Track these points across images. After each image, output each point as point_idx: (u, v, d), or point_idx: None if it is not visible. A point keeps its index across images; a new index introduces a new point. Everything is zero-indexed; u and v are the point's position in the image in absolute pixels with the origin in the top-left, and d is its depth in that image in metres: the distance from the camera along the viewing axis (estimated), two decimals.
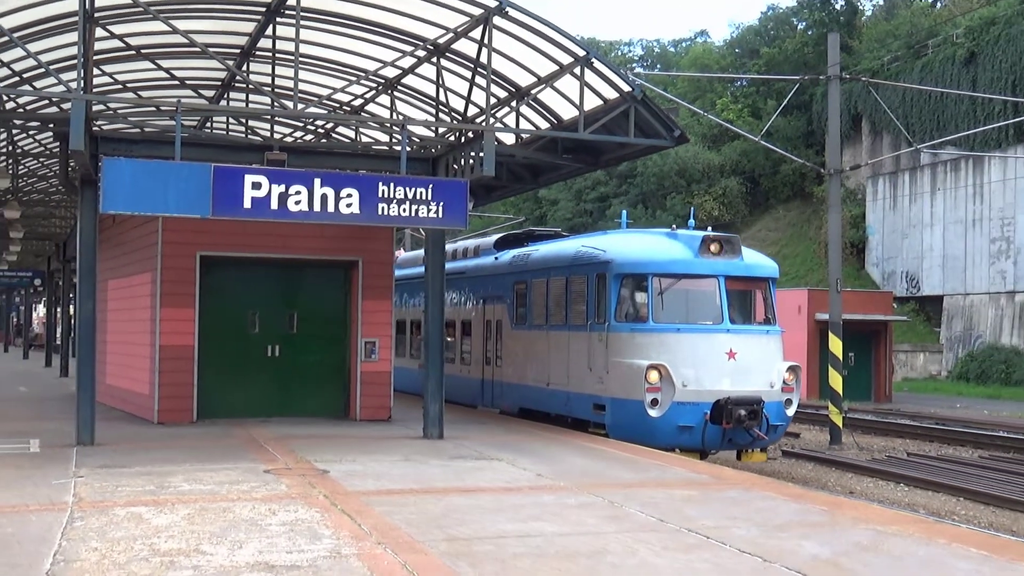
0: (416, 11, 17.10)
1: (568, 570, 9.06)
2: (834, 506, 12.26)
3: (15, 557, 9.18)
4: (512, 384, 22.85)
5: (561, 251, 21.37)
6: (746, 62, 69.95)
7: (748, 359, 17.82)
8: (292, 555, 9.48)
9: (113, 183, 14.91)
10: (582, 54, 17.15)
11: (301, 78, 17.61)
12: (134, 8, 16.29)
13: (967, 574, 9.14)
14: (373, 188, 16.01)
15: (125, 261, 23.46)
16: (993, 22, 50.30)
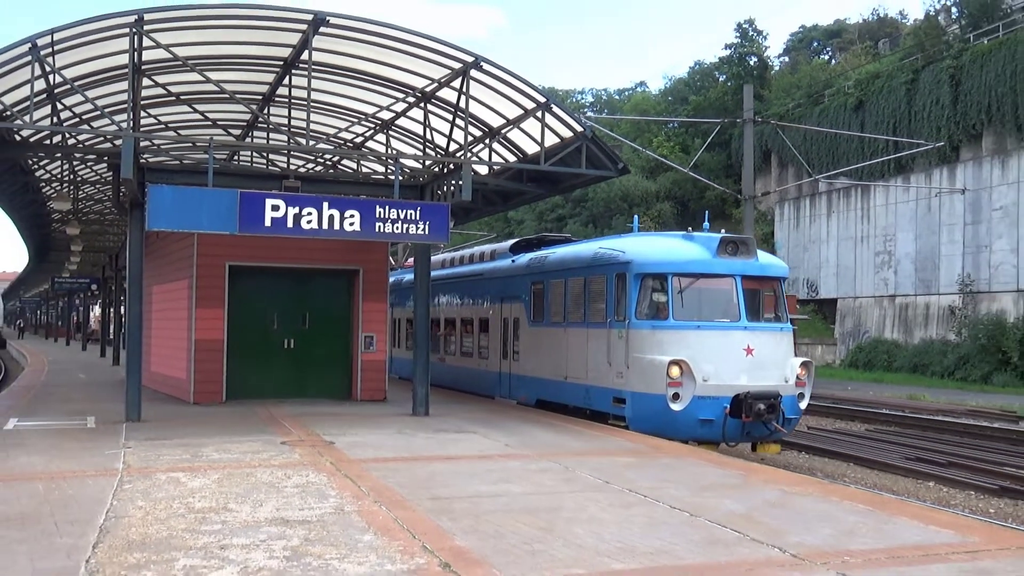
0: (406, 65, 17.18)
1: (531, 523, 9.09)
2: (749, 471, 12.35)
3: (76, 514, 9.22)
4: (529, 377, 20.87)
5: (579, 253, 19.54)
6: (677, 107, 70.31)
7: (764, 355, 16.06)
8: (304, 512, 9.50)
9: (157, 205, 15.00)
10: (543, 101, 17.23)
11: (312, 120, 17.64)
12: (174, 62, 16.33)
13: (854, 524, 9.25)
14: (371, 210, 16.08)
15: (166, 270, 23.40)
16: (877, 76, 50.83)
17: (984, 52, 43.60)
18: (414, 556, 7.83)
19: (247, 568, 7.43)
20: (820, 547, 8.30)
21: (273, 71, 17.83)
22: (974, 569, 7.69)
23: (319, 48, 16.43)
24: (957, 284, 42.89)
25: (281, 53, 16.96)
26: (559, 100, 18.68)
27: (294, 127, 19.15)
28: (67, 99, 17.31)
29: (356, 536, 8.49)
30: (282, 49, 16.77)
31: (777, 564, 7.77)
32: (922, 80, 46.50)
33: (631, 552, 8.07)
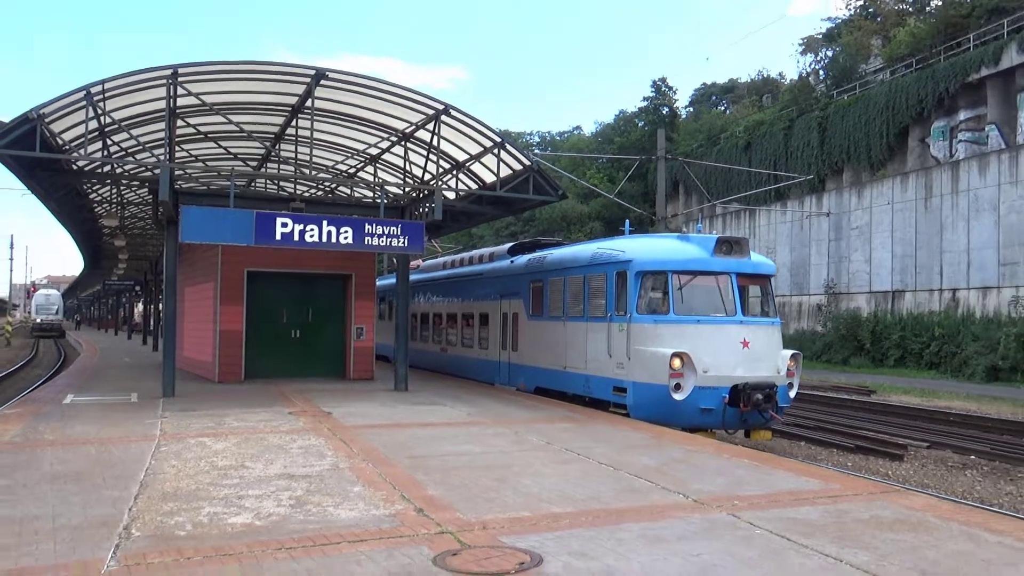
0: (390, 111, 17.17)
1: (488, 476, 9.10)
2: (660, 435, 12.43)
3: (121, 471, 9.13)
4: (528, 366, 18.83)
5: (578, 253, 17.49)
6: (605, 146, 70.49)
7: (759, 347, 14.26)
8: (306, 468, 9.44)
9: (188, 222, 14.90)
10: (498, 140, 17.27)
11: (314, 154, 17.58)
12: (203, 107, 16.21)
13: (742, 476, 9.35)
14: (362, 227, 16.05)
15: (196, 274, 23.19)
16: (761, 123, 51.48)
17: (844, 106, 44.33)
18: (394, 503, 7.81)
19: (260, 514, 7.37)
20: (716, 494, 8.39)
21: (283, 115, 17.71)
22: (835, 510, 7.81)
23: (320, 97, 16.39)
24: (823, 287, 43.54)
25: (289, 100, 16.86)
26: (512, 140, 18.67)
27: (300, 160, 19.06)
28: (115, 136, 17.11)
29: (348, 488, 8.46)
30: (290, 97, 16.67)
31: (682, 508, 7.84)
32: (796, 127, 47.18)
33: (567, 498, 8.10)
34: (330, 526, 6.99)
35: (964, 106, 37.41)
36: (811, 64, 58.39)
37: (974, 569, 6.07)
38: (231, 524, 7.02)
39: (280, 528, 6.91)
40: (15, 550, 6.21)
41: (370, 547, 6.39)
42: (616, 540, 6.66)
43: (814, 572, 5.94)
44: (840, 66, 51.28)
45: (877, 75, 46.80)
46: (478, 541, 6.60)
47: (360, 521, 7.16)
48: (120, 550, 6.23)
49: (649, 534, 6.85)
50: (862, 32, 51.81)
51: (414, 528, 6.95)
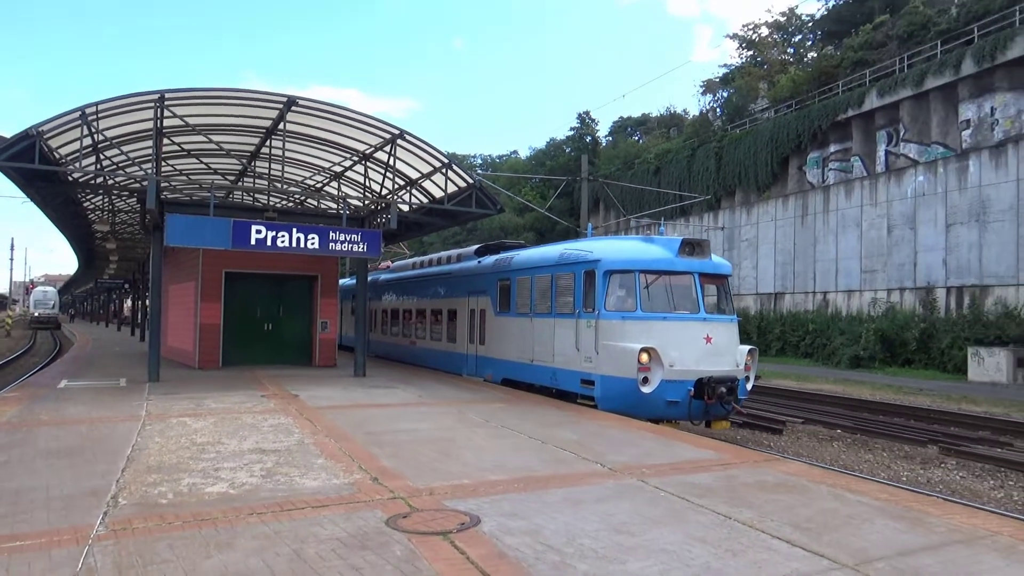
0: (352, 135, 16.97)
1: (434, 449, 9.05)
2: (579, 414, 12.52)
3: (109, 447, 8.85)
4: (496, 359, 17.40)
5: (545, 253, 16.03)
6: (538, 168, 70.71)
7: (720, 343, 13.14)
8: (275, 443, 9.27)
9: (173, 228, 14.53)
10: (446, 161, 17.19)
11: (286, 170, 17.27)
12: (187, 127, 15.81)
13: (650, 448, 9.47)
14: (327, 234, 15.82)
15: (180, 274, 22.58)
16: (668, 151, 52.19)
17: (736, 138, 45.24)
18: (353, 473, 7.72)
19: (234, 483, 7.21)
20: (627, 463, 8.49)
21: (258, 135, 17.35)
22: (726, 475, 7.97)
23: (291, 120, 16.13)
24: None
25: (264, 123, 16.52)
26: (457, 161, 18.61)
27: (273, 175, 18.69)
28: (108, 151, 16.57)
29: (312, 460, 8.33)
30: (264, 120, 16.34)
31: (599, 475, 7.91)
32: (697, 155, 47.97)
33: (502, 468, 8.11)
34: (296, 493, 6.87)
35: (834, 140, 38.54)
36: (710, 103, 59.62)
37: (838, 522, 6.27)
38: (208, 493, 6.85)
39: (252, 496, 6.77)
40: (11, 518, 5.97)
41: (331, 512, 6.31)
42: (543, 503, 6.69)
43: (708, 528, 6.05)
44: (733, 105, 52.44)
45: (763, 113, 47.89)
46: (425, 505, 6.56)
47: (322, 489, 7.06)
48: (108, 517, 6.04)
49: (571, 497, 6.90)
50: (752, 77, 53.02)
51: (369, 495, 6.88)
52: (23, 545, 5.33)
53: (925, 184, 31.97)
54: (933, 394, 22.29)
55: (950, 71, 31.80)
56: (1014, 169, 28.27)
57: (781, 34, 57.00)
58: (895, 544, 5.74)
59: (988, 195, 29.14)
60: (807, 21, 55.25)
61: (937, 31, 35.69)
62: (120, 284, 53.90)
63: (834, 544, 5.69)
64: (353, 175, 19.86)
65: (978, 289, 29.20)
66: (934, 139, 33.00)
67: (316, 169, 20.22)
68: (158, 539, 5.52)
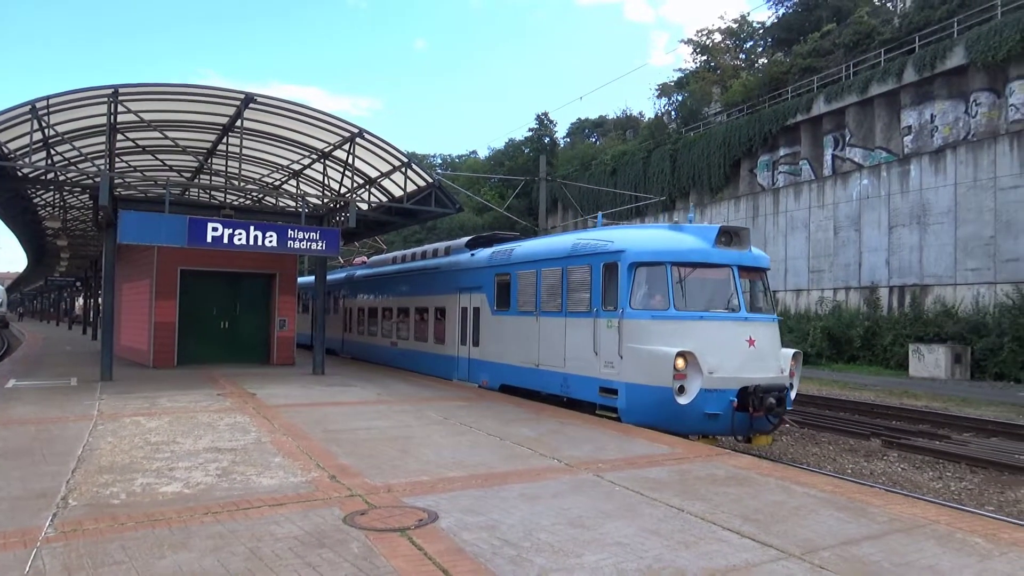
0: (311, 132, 16.76)
1: (393, 447, 8.99)
2: (539, 411, 12.55)
3: (59, 448, 8.59)
4: (492, 363, 15.49)
5: (553, 245, 13.93)
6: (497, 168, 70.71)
7: (764, 346, 11.21)
8: (232, 442, 9.11)
9: (126, 226, 14.18)
10: (406, 160, 17.10)
11: (243, 168, 16.98)
12: (142, 123, 15.47)
13: (606, 443, 9.54)
14: (285, 232, 15.58)
15: (134, 272, 22.04)
16: (625, 153, 52.64)
17: (691, 141, 45.85)
18: (310, 471, 7.62)
19: (189, 483, 7.07)
20: (583, 458, 8.54)
21: (215, 132, 17.02)
22: (679, 470, 8.07)
23: (249, 118, 15.88)
24: None
25: (221, 120, 16.22)
26: (417, 160, 18.50)
27: (230, 173, 18.37)
28: (59, 147, 16.07)
29: (269, 459, 8.20)
30: (222, 117, 16.04)
31: (555, 470, 7.94)
32: (653, 157, 48.49)
33: (460, 464, 8.09)
34: (253, 492, 6.76)
35: (783, 144, 39.31)
36: (665, 106, 60.29)
37: (786, 514, 6.39)
38: (162, 493, 6.70)
39: (207, 495, 6.64)
40: None
41: (288, 510, 6.22)
42: (500, 498, 6.69)
43: (661, 520, 6.12)
44: (688, 108, 53.13)
45: (717, 117, 48.61)
46: (383, 502, 6.51)
47: (280, 487, 6.96)
48: (58, 518, 5.86)
49: (528, 493, 6.92)
50: (705, 82, 53.79)
51: (327, 492, 6.80)
52: None
53: (869, 187, 32.80)
54: (877, 389, 22.88)
55: (893, 79, 32.68)
56: (952, 174, 29.18)
57: (733, 40, 57.97)
58: (840, 534, 5.87)
59: (928, 198, 30.03)
60: (758, 28, 56.31)
61: (881, 40, 36.64)
62: (72, 282, 52.42)
63: (782, 535, 5.80)
64: (312, 173, 19.62)
65: (919, 288, 30.06)
66: (878, 144, 33.89)
67: (274, 167, 19.93)
68: (110, 540, 5.37)
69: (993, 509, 9.81)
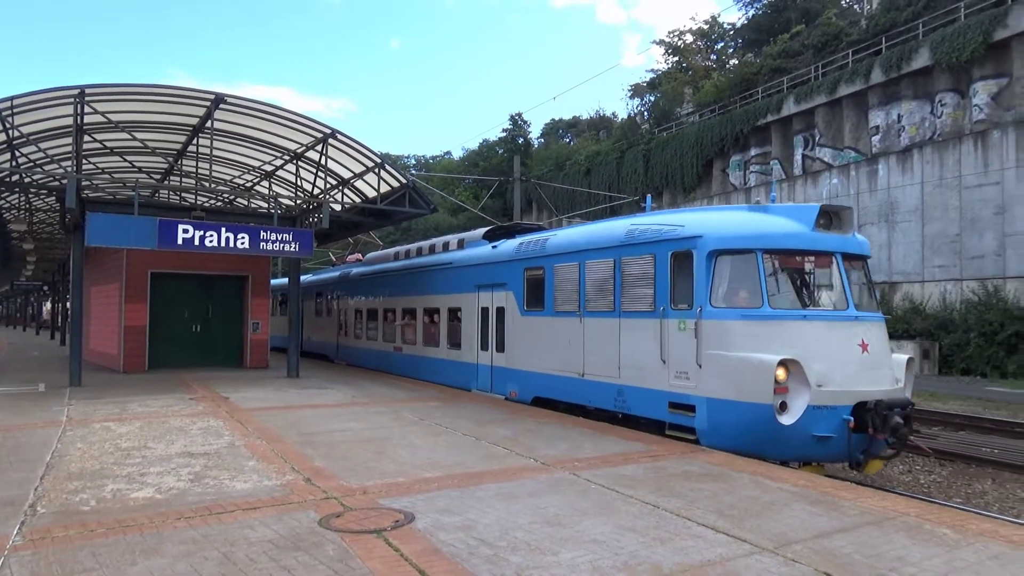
0: (283, 133, 16.63)
1: (369, 449, 8.95)
2: (514, 411, 12.56)
3: (27, 455, 8.43)
4: (522, 371, 13.42)
5: (599, 233, 11.70)
6: (471, 169, 70.53)
7: (877, 351, 9.17)
8: (205, 447, 9.00)
9: (94, 228, 13.95)
10: (379, 161, 17.03)
11: (214, 169, 16.78)
12: (109, 124, 15.20)
13: (582, 442, 9.56)
14: (257, 233, 15.44)
15: (102, 275, 21.68)
16: (598, 153, 52.81)
17: (663, 141, 46.15)
18: (285, 475, 7.56)
19: (160, 488, 6.97)
20: (559, 457, 8.56)
21: (185, 133, 16.80)
22: (654, 467, 8.12)
23: (219, 119, 15.71)
24: None
25: (191, 121, 16.03)
26: (391, 161, 18.40)
27: (201, 174, 18.14)
28: (24, 148, 15.76)
29: (243, 462, 8.12)
30: (191, 118, 15.85)
31: (532, 469, 7.95)
32: (626, 157, 48.74)
33: (437, 465, 8.07)
34: (226, 496, 6.69)
35: (755, 144, 39.72)
36: (638, 106, 60.68)
37: (759, 508, 6.46)
38: (134, 498, 6.60)
39: (180, 500, 6.56)
40: None
41: (263, 514, 6.16)
42: (477, 498, 6.68)
43: (637, 517, 6.15)
44: (660, 109, 53.49)
45: (689, 117, 48.99)
46: (359, 504, 6.48)
47: (254, 491, 6.89)
48: (25, 526, 5.75)
49: (504, 492, 6.92)
50: (677, 82, 54.18)
51: (302, 495, 6.74)
52: None
53: (839, 186, 33.26)
54: None
55: (861, 80, 33.18)
56: (918, 173, 29.69)
57: (705, 41, 58.48)
58: (812, 527, 5.95)
59: (896, 197, 30.52)
60: (728, 29, 56.85)
61: (849, 41, 37.18)
62: (39, 286, 51.43)
63: (755, 529, 5.86)
64: (284, 174, 19.46)
65: (888, 285, 30.54)
66: (847, 144, 34.38)
67: (246, 168, 19.73)
68: (80, 547, 5.28)
69: (961, 501, 10.01)
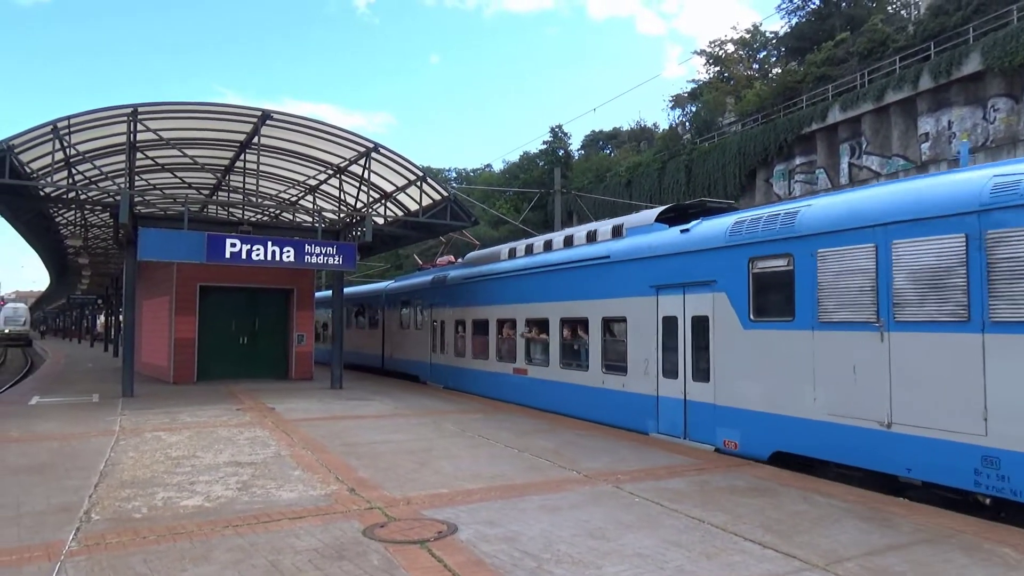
0: (327, 148, 16.91)
1: (411, 460, 9.00)
2: (554, 422, 12.50)
3: (82, 463, 8.68)
4: (746, 412, 9.32)
5: (929, 192, 7.31)
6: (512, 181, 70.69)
7: None
8: (251, 456, 9.15)
9: (146, 243, 14.35)
10: (421, 174, 17.19)
11: (260, 184, 17.14)
12: (160, 141, 15.66)
13: (625, 454, 9.48)
14: (302, 247, 15.73)
15: (154, 289, 22.24)
16: (639, 164, 52.57)
17: (705, 151, 45.74)
18: (330, 484, 7.64)
19: (209, 496, 7.10)
20: (602, 469, 8.49)
21: (233, 149, 17.20)
22: (699, 480, 8.01)
23: (266, 135, 16.04)
24: None
25: (238, 137, 16.39)
26: (432, 174, 18.57)
27: (248, 189, 18.54)
28: (80, 166, 16.33)
29: (289, 472, 8.23)
30: (239, 134, 16.22)
31: (574, 481, 7.91)
32: (668, 168, 48.41)
33: (479, 476, 8.07)
34: (273, 505, 6.78)
35: (799, 153, 39.10)
36: (679, 117, 60.28)
37: (808, 524, 6.31)
38: (183, 506, 6.73)
39: (228, 508, 6.67)
40: None
41: (308, 523, 6.23)
42: (519, 510, 6.66)
43: (682, 531, 6.07)
44: (702, 119, 53.04)
45: (731, 127, 48.50)
46: (403, 515, 6.51)
47: (299, 500, 6.97)
48: (80, 532, 5.91)
49: (547, 504, 6.88)
50: (719, 92, 53.70)
51: (347, 505, 6.80)
52: None
53: None
54: None
55: (909, 86, 32.48)
56: None
57: (746, 50, 57.90)
58: (864, 544, 5.79)
59: None
60: (771, 38, 56.19)
61: (896, 47, 36.45)
62: (93, 299, 52.94)
63: (805, 545, 5.73)
64: (328, 188, 19.76)
65: None
66: (895, 151, 33.64)
67: (291, 183, 20.09)
68: (132, 554, 5.41)
69: None
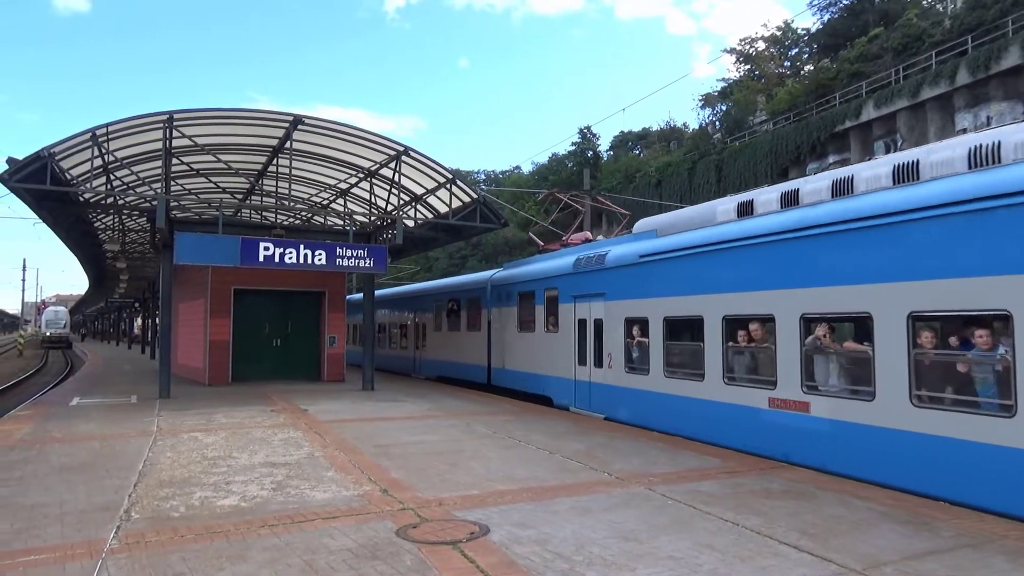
0: (358, 152, 17.07)
1: (443, 461, 9.03)
2: (587, 424, 12.46)
3: (121, 463, 8.85)
4: None
5: None
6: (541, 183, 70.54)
7: None
8: (286, 457, 9.26)
9: (182, 247, 14.59)
10: (450, 177, 17.27)
11: (293, 188, 17.31)
12: (195, 147, 15.93)
13: (656, 456, 9.42)
14: (333, 250, 15.90)
15: (189, 292, 22.64)
16: (669, 164, 52.25)
17: (736, 151, 45.31)
18: (362, 485, 7.70)
19: (245, 496, 7.20)
20: (634, 471, 8.45)
21: (265, 154, 17.45)
22: (732, 483, 7.93)
23: (298, 139, 16.22)
24: None
25: (271, 142, 16.62)
26: (462, 176, 18.64)
27: (280, 193, 18.79)
28: (118, 172, 16.68)
29: (322, 473, 8.31)
30: (271, 139, 16.44)
31: (606, 483, 7.88)
32: (698, 168, 48.03)
33: (510, 478, 8.08)
34: (307, 506, 6.86)
35: (832, 151, 38.54)
36: (709, 116, 59.72)
37: (845, 527, 6.22)
38: (220, 506, 6.84)
39: (263, 508, 6.76)
40: (26, 533, 5.98)
41: (341, 523, 6.29)
42: (551, 512, 6.66)
43: (715, 534, 6.01)
44: (732, 118, 52.52)
45: (762, 126, 47.96)
46: (435, 515, 6.54)
47: (333, 501, 7.04)
48: (121, 531, 6.03)
49: (579, 506, 6.87)
50: (750, 91, 53.14)
51: (379, 506, 6.85)
52: (38, 559, 5.33)
53: None
54: None
55: (945, 81, 31.85)
56: None
57: (778, 48, 57.20)
58: (903, 549, 5.69)
59: None
60: (803, 35, 55.48)
61: (931, 42, 35.77)
62: (131, 303, 54.02)
63: (841, 549, 5.64)
64: (359, 192, 19.93)
65: None
66: None
67: (322, 186, 20.30)
68: (171, 552, 5.51)
69: None
